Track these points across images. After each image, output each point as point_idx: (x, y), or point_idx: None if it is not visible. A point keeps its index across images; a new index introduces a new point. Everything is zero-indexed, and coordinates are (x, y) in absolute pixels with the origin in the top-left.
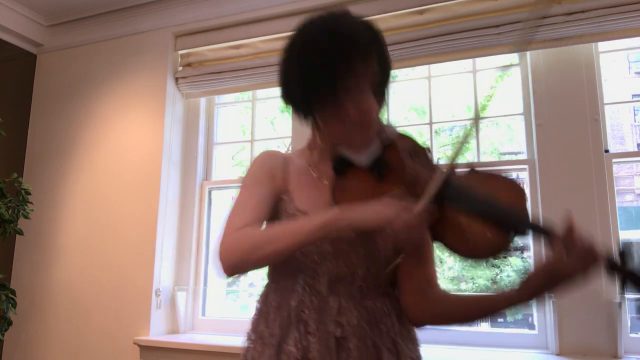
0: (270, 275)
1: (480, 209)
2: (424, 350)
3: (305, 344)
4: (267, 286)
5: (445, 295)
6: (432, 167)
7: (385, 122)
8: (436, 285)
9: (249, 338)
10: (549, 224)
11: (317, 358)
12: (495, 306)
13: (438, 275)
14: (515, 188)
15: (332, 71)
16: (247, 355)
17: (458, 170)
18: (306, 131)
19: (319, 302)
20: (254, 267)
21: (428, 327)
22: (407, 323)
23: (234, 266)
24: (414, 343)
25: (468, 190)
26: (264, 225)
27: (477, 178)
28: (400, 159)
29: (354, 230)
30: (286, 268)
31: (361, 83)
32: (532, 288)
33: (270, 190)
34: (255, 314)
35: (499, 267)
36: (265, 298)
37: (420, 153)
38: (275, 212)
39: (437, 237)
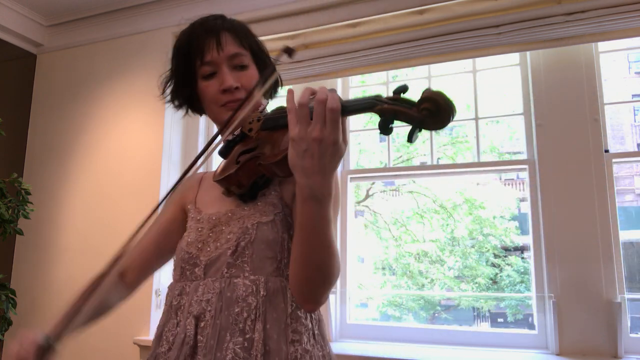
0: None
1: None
2: (425, 350)
3: (177, 328)
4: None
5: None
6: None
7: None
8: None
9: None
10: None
11: (180, 337)
12: (308, 220)
13: None
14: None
15: (190, 49)
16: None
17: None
18: None
19: (194, 286)
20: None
21: (309, 293)
22: (281, 304)
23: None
24: (285, 332)
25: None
26: None
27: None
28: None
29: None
30: (175, 263)
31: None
32: (301, 175)
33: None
34: None
35: (499, 266)
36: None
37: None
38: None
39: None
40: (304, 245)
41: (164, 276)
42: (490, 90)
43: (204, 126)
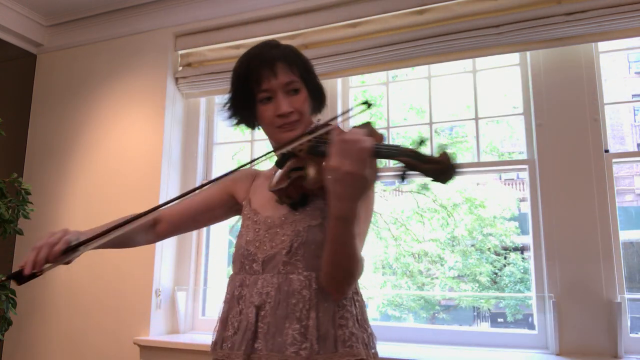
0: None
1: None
2: (425, 350)
3: (240, 315)
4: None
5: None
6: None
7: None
8: None
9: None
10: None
11: (243, 324)
12: (336, 234)
13: None
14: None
15: (248, 77)
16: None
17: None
18: None
19: (253, 279)
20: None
21: (335, 287)
22: (330, 298)
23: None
24: (333, 319)
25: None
26: None
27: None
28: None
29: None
30: (235, 257)
31: (274, 87)
32: (333, 197)
33: None
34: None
35: (499, 266)
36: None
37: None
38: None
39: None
40: (332, 254)
41: (164, 277)
42: (490, 90)
43: (204, 126)
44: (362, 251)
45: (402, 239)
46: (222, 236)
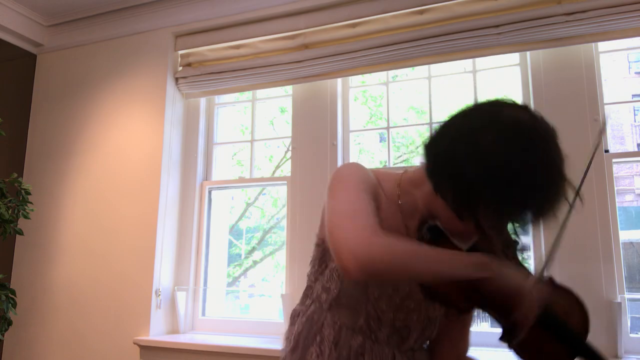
0: (329, 303)
1: (557, 330)
2: None
3: None
4: (318, 310)
5: None
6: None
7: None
8: (467, 350)
9: None
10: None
11: None
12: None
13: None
14: (584, 312)
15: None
16: None
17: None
18: (307, 131)
19: (378, 350)
20: (390, 276)
21: None
22: None
23: (375, 270)
24: None
25: (551, 308)
26: None
27: (556, 291)
28: (495, 251)
29: (493, 285)
30: (351, 303)
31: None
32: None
33: (371, 200)
34: (299, 337)
35: None
36: (315, 324)
37: (513, 253)
38: None
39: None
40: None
41: (164, 277)
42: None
43: (204, 126)
44: None
45: None
46: (222, 236)
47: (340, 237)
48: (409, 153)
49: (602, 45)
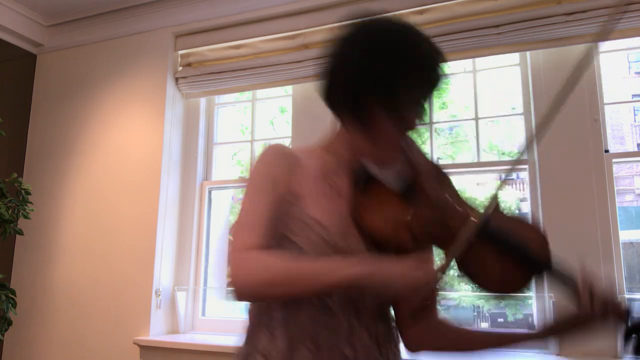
0: None
1: (512, 250)
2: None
3: None
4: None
5: (447, 327)
6: (458, 198)
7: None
8: (436, 316)
9: (250, 355)
10: (569, 271)
11: None
12: (503, 343)
13: (439, 306)
14: (539, 233)
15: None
16: None
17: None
18: (307, 131)
19: (330, 319)
20: (269, 300)
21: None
22: (398, 347)
23: (247, 296)
24: None
25: (501, 231)
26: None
27: (504, 219)
28: (430, 186)
29: (378, 293)
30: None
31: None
32: (554, 332)
33: (275, 198)
34: (252, 326)
35: None
36: (264, 310)
37: (446, 181)
38: (280, 215)
39: (466, 271)
40: None
41: (164, 277)
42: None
43: (204, 126)
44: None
45: None
46: (222, 236)
47: (229, 257)
48: None
49: (602, 45)
